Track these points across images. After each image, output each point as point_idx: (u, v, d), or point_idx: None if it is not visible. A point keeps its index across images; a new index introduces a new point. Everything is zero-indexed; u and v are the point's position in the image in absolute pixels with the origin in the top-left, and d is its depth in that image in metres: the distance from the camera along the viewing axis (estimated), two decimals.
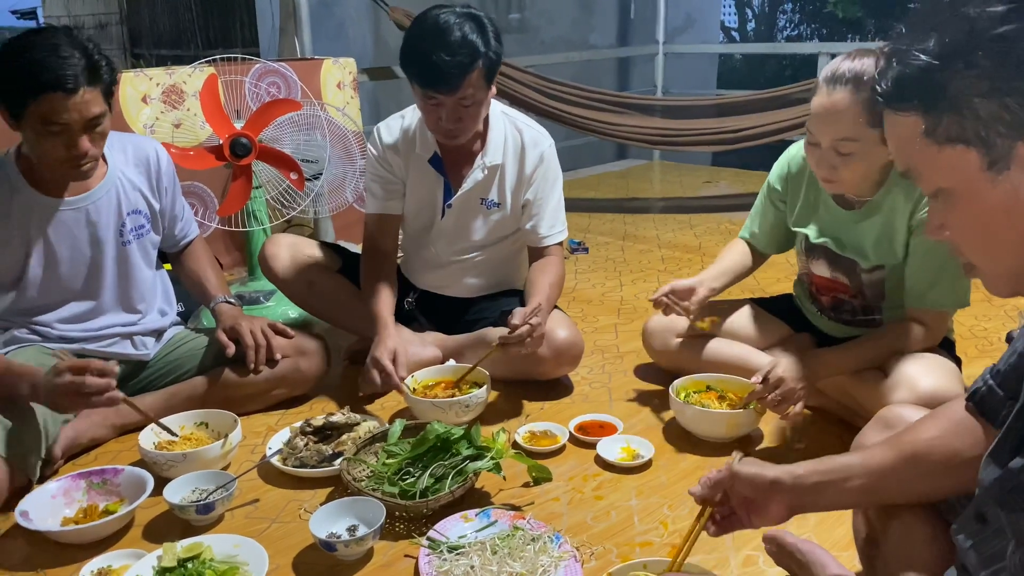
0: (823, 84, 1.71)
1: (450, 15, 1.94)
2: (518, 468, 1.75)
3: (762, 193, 2.12)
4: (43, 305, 1.92)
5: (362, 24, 5.52)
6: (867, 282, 1.92)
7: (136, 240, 2.00)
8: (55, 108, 1.66)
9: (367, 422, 1.90)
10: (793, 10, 15.90)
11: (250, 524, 1.63)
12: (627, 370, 2.35)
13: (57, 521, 1.59)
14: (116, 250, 1.97)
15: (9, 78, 1.67)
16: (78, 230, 1.90)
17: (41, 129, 1.69)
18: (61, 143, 1.71)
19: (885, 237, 1.85)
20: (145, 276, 2.05)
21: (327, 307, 2.38)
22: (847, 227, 1.90)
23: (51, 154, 1.74)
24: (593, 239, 3.83)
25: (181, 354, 2.09)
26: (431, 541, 1.48)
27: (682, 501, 1.67)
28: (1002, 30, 0.74)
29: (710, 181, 5.19)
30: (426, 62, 1.92)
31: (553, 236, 2.22)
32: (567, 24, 6.83)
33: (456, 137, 2.06)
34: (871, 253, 1.88)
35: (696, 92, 6.17)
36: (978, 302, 2.74)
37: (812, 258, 2.01)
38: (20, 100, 1.67)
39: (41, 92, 1.64)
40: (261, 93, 3.00)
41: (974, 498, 0.90)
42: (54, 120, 1.67)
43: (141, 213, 2.01)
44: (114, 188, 1.95)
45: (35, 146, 1.74)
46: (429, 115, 2.04)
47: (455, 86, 1.92)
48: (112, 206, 1.94)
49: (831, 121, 1.69)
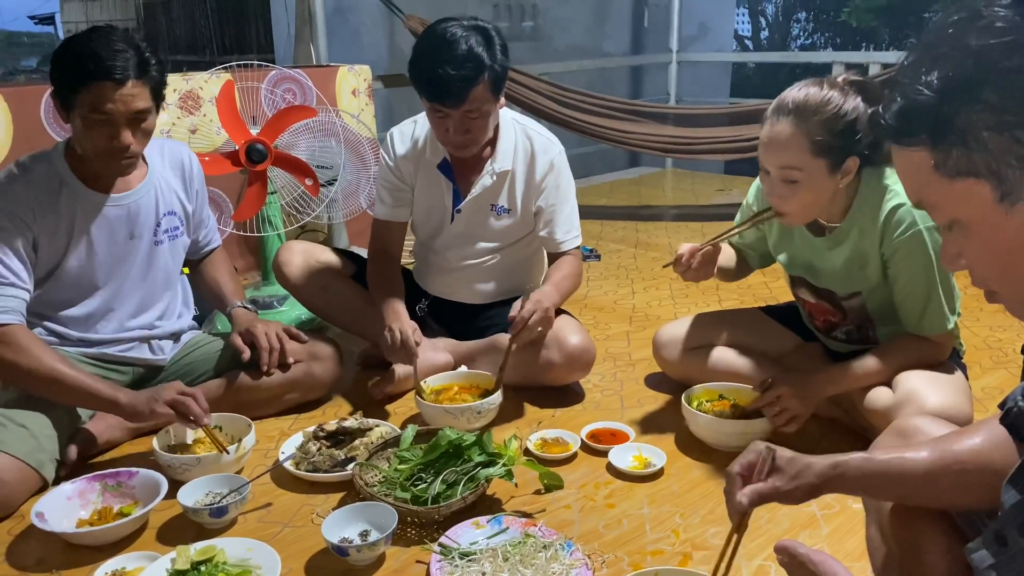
0: (770, 115, 1.72)
1: (457, 28, 1.95)
2: (530, 475, 1.75)
3: (741, 209, 2.06)
4: (70, 299, 1.93)
5: (377, 31, 5.55)
6: (849, 308, 1.91)
7: (169, 241, 2.03)
8: (102, 97, 1.72)
9: (380, 427, 1.91)
10: (807, 19, 15.88)
11: (263, 528, 1.64)
12: (639, 378, 2.35)
13: (72, 523, 1.60)
14: (148, 248, 1.99)
15: (64, 67, 1.74)
16: (119, 226, 1.93)
17: (88, 118, 1.74)
18: (105, 134, 1.76)
19: (856, 263, 1.83)
20: (170, 277, 2.07)
21: (340, 313, 2.40)
22: (819, 255, 1.89)
23: (95, 145, 1.78)
24: (605, 246, 3.83)
25: (196, 358, 2.10)
26: (443, 547, 1.49)
27: (694, 510, 1.67)
28: (1008, 64, 0.72)
29: (723, 189, 5.19)
30: (432, 76, 1.93)
31: (569, 241, 2.23)
32: (581, 32, 6.84)
33: (465, 148, 2.08)
34: (844, 281, 1.87)
35: (709, 100, 6.17)
36: (992, 312, 2.73)
37: (796, 286, 2.02)
38: (72, 88, 1.73)
39: (91, 80, 1.71)
40: (277, 99, 3.03)
41: (996, 518, 0.89)
42: (100, 109, 1.73)
43: (176, 215, 2.05)
44: (154, 188, 1.99)
45: (81, 136, 1.79)
46: (437, 127, 2.06)
47: (460, 100, 1.94)
48: (151, 205, 1.98)
49: (775, 150, 1.70)
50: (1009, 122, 0.73)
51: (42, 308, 1.92)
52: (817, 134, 1.65)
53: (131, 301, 2.00)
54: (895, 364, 1.82)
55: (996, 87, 0.73)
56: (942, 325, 1.80)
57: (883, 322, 1.91)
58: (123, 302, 1.99)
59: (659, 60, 6.09)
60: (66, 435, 1.82)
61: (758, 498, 1.11)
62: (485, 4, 6.23)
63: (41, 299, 1.90)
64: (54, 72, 1.77)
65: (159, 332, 2.05)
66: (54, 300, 1.92)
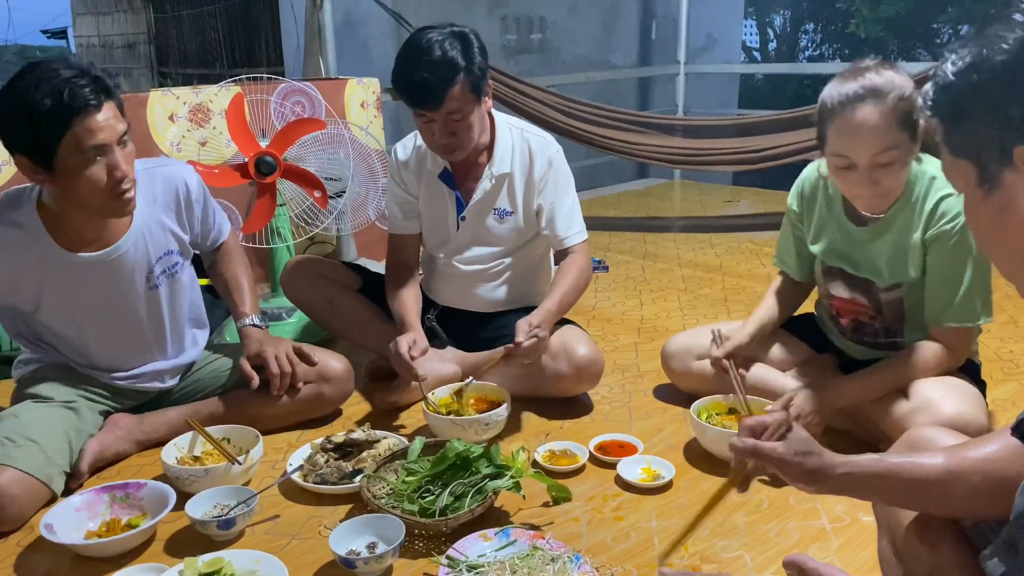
0: (839, 108, 1.69)
1: (435, 34, 1.99)
2: (538, 487, 1.75)
3: (785, 220, 2.11)
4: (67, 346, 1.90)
5: (386, 44, 5.57)
6: (885, 301, 1.90)
7: (166, 280, 1.95)
8: (89, 130, 1.59)
9: (387, 439, 1.91)
10: (815, 30, 15.87)
11: (271, 540, 1.64)
12: (647, 390, 2.35)
13: (80, 534, 1.61)
14: (144, 296, 1.92)
15: (29, 123, 1.56)
16: (100, 284, 1.84)
17: (78, 162, 1.61)
18: (102, 170, 1.63)
19: (899, 254, 1.84)
20: (176, 315, 2.02)
21: (348, 326, 2.41)
22: (861, 246, 1.89)
23: (94, 190, 1.65)
24: (613, 258, 3.82)
25: (203, 375, 2.11)
26: (450, 560, 1.48)
27: (703, 523, 1.65)
28: (1004, 58, 0.80)
29: (731, 201, 5.18)
30: (409, 81, 1.99)
31: (572, 237, 2.23)
32: (588, 44, 6.86)
33: (453, 152, 2.09)
34: (886, 271, 1.86)
35: (717, 112, 6.16)
36: (1003, 324, 2.71)
37: (829, 279, 2.00)
38: (49, 139, 1.57)
39: (70, 120, 1.57)
40: (286, 112, 3.04)
41: (1007, 525, 0.89)
42: (91, 144, 1.59)
43: (172, 253, 1.96)
44: (141, 237, 1.87)
45: (74, 190, 1.64)
46: (424, 133, 2.10)
47: (439, 102, 1.98)
48: (140, 255, 1.88)
49: (867, 137, 1.67)
50: (996, 114, 0.81)
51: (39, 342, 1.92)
52: (898, 109, 1.66)
53: (135, 344, 1.97)
54: (908, 374, 1.82)
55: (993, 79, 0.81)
56: (969, 317, 1.79)
57: (913, 324, 1.89)
58: (123, 350, 1.95)
59: (667, 72, 6.09)
60: (75, 448, 1.82)
61: (753, 451, 1.12)
62: (493, 17, 6.25)
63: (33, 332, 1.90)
64: (14, 135, 1.59)
65: (171, 366, 2.05)
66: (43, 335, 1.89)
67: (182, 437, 1.90)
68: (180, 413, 2.01)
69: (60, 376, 1.90)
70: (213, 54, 8.26)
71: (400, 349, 2.03)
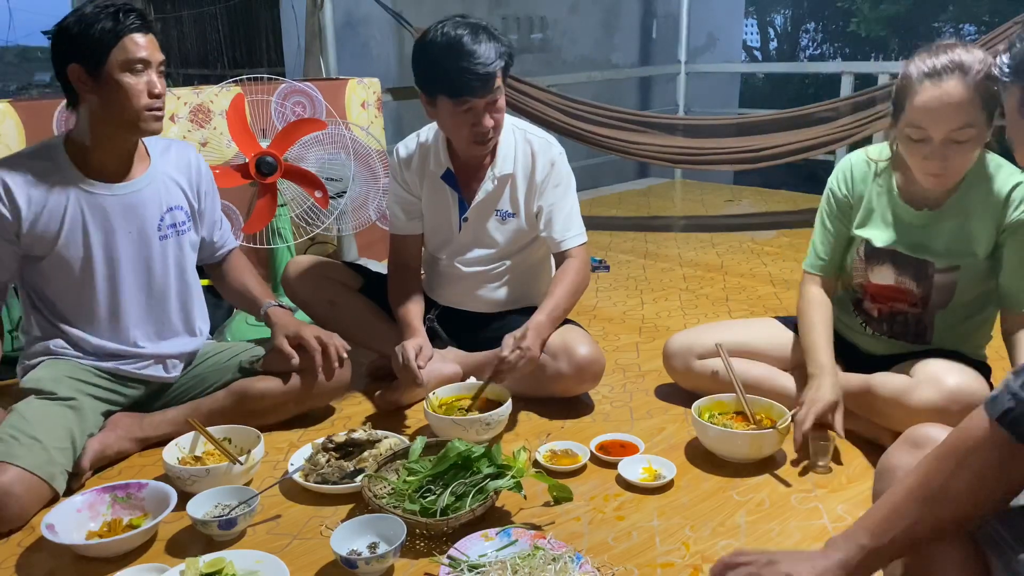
0: (924, 79, 1.68)
1: (453, 28, 2.01)
2: (539, 487, 1.75)
3: (823, 213, 2.03)
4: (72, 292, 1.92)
5: (386, 44, 5.58)
6: (939, 284, 1.87)
7: (175, 236, 2.02)
8: (136, 44, 1.80)
9: (388, 439, 1.91)
10: (816, 29, 15.87)
11: (272, 540, 1.64)
12: (648, 389, 2.34)
13: (82, 535, 1.61)
14: (152, 243, 1.98)
15: (87, 34, 1.78)
16: (117, 218, 1.92)
17: (123, 74, 1.80)
18: (143, 84, 1.82)
19: (963, 237, 1.82)
20: (183, 278, 2.06)
21: (349, 326, 2.40)
22: (921, 229, 1.87)
23: (134, 101, 1.81)
24: (614, 257, 3.82)
25: (205, 369, 2.11)
26: (451, 560, 1.48)
27: (704, 522, 1.66)
28: None
29: (732, 200, 5.18)
30: (456, 73, 1.98)
31: (569, 240, 2.21)
32: (589, 44, 6.86)
33: (489, 140, 2.11)
34: (947, 253, 1.85)
35: (718, 111, 6.17)
36: None
37: (874, 265, 1.95)
38: (103, 48, 1.78)
39: (121, 33, 1.78)
40: (287, 112, 3.05)
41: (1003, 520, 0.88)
42: (136, 56, 1.80)
43: (181, 210, 2.03)
44: (156, 181, 1.98)
45: (115, 99, 1.81)
46: (462, 125, 2.07)
47: (490, 87, 2.01)
48: (154, 198, 1.97)
49: (948, 111, 1.66)
50: None
51: (53, 308, 1.94)
52: (982, 87, 1.65)
53: (140, 300, 1.98)
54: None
55: None
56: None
57: (950, 314, 1.89)
58: (131, 300, 1.97)
59: (668, 71, 6.09)
60: (78, 447, 1.82)
61: None
62: (493, 16, 6.26)
63: (46, 295, 1.93)
64: (71, 44, 1.80)
65: (174, 352, 2.05)
66: (57, 293, 1.93)
67: (183, 437, 1.89)
68: (180, 412, 2.02)
69: (64, 369, 1.91)
70: (214, 54, 8.25)
71: (408, 356, 2.03)
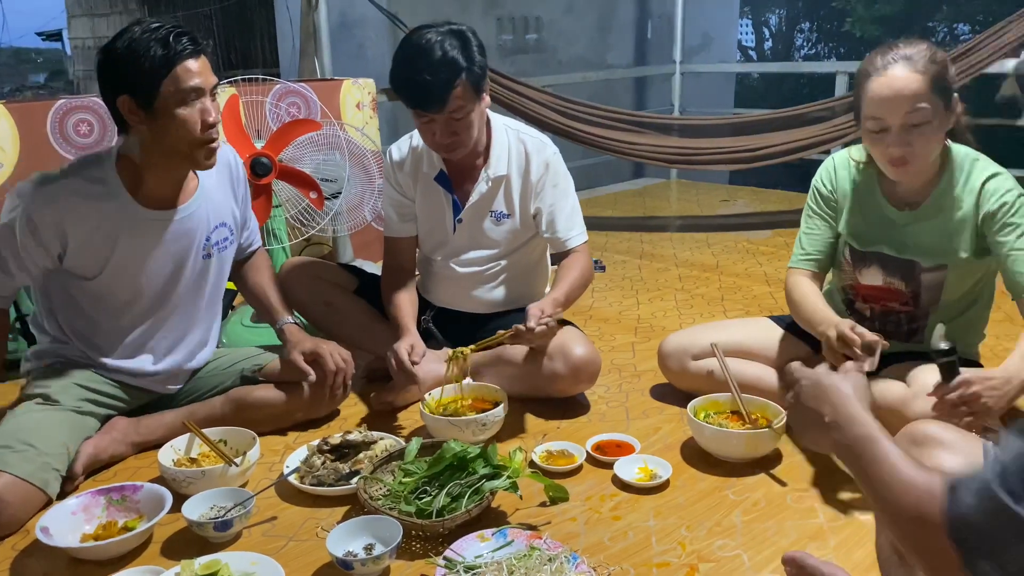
0: (875, 72, 1.74)
1: (433, 34, 1.98)
2: (535, 487, 1.75)
3: (808, 210, 2.04)
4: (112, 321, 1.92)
5: (381, 45, 5.57)
6: (926, 283, 1.89)
7: (218, 253, 2.00)
8: (189, 71, 1.71)
9: (384, 440, 1.90)
10: (811, 29, 15.89)
11: (267, 542, 1.64)
12: (644, 389, 2.35)
13: (77, 537, 1.60)
14: (197, 264, 1.97)
15: (137, 64, 1.69)
16: (172, 244, 1.90)
17: (177, 103, 1.71)
18: (196, 113, 1.74)
19: (946, 234, 1.84)
20: (215, 296, 2.06)
21: (345, 328, 2.40)
22: (903, 228, 1.89)
23: (187, 132, 1.74)
24: (610, 257, 3.83)
25: (207, 372, 2.10)
26: (447, 561, 1.48)
27: (700, 522, 1.66)
28: None
29: (727, 200, 5.18)
30: (411, 83, 1.98)
31: (573, 238, 2.23)
32: (584, 44, 6.86)
33: (455, 151, 2.09)
34: (932, 252, 1.86)
35: (713, 111, 6.17)
36: (999, 322, 2.71)
37: (862, 266, 1.97)
38: (154, 79, 1.70)
39: (173, 62, 1.70)
40: (281, 113, 3.04)
41: None
42: (189, 85, 1.71)
43: (226, 226, 2.02)
44: (205, 202, 1.95)
45: (168, 131, 1.74)
46: (425, 134, 2.09)
47: (442, 104, 1.97)
48: (203, 220, 1.95)
49: (899, 96, 1.71)
50: None
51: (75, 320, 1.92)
52: (931, 72, 1.71)
53: (174, 324, 1.98)
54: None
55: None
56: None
57: (941, 313, 1.89)
58: (166, 325, 1.97)
59: (663, 71, 6.10)
60: (71, 451, 1.81)
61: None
62: (488, 17, 6.25)
63: (74, 306, 1.90)
64: (122, 75, 1.71)
65: (187, 367, 2.05)
66: (89, 310, 1.91)
67: (179, 439, 1.89)
68: (177, 415, 2.01)
69: (73, 376, 1.90)
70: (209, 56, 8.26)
71: (400, 355, 2.03)
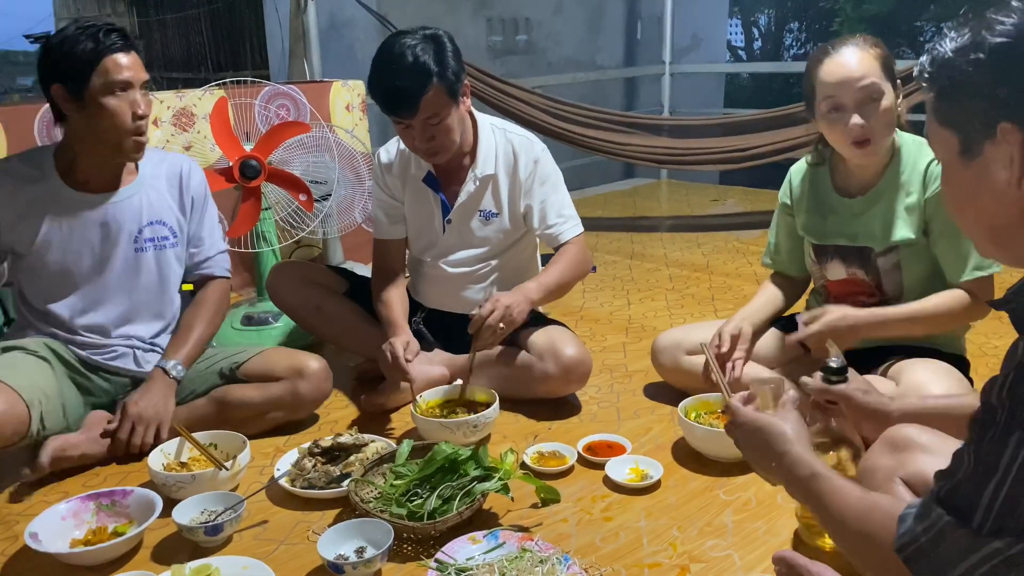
0: (828, 60, 1.81)
1: (408, 39, 1.99)
2: (526, 489, 1.75)
3: (775, 216, 2.17)
4: (50, 292, 1.97)
5: (371, 47, 5.55)
6: (883, 267, 1.93)
7: (155, 250, 2.04)
8: (118, 65, 1.82)
9: (375, 443, 1.90)
10: (799, 29, 15.96)
11: (259, 546, 1.63)
12: (635, 389, 2.35)
13: (66, 543, 1.59)
14: (129, 254, 2.01)
15: (68, 58, 1.81)
16: (93, 227, 1.96)
17: (105, 94, 1.82)
18: (126, 105, 1.84)
19: (893, 218, 1.89)
20: (164, 288, 2.08)
21: (335, 330, 2.40)
22: (856, 217, 1.94)
23: (116, 123, 1.84)
24: (601, 258, 3.83)
25: (186, 376, 2.08)
26: (439, 563, 1.48)
27: (691, 522, 1.66)
28: (999, 40, 0.85)
29: (717, 200, 5.20)
30: (384, 89, 2.00)
31: (567, 231, 2.23)
32: (574, 45, 6.87)
33: (435, 155, 2.10)
34: (881, 235, 1.91)
35: (703, 111, 6.19)
36: (987, 320, 2.72)
37: (825, 261, 2.02)
38: (85, 69, 1.81)
39: (102, 54, 1.81)
40: (271, 115, 3.03)
41: None
42: (118, 78, 1.82)
43: (165, 225, 2.05)
44: (139, 194, 2.01)
45: (98, 121, 1.84)
46: (405, 138, 2.11)
47: (414, 109, 1.98)
48: (135, 210, 2.00)
49: (852, 72, 1.78)
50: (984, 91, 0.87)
51: (35, 300, 1.99)
52: (878, 55, 1.80)
53: (115, 306, 2.02)
54: (928, 313, 1.84)
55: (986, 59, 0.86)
56: (983, 264, 1.82)
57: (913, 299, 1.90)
58: (106, 306, 2.01)
59: (652, 72, 6.12)
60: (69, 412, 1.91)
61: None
62: (478, 18, 6.26)
63: (30, 288, 1.98)
64: (55, 66, 1.83)
65: (143, 346, 2.05)
66: (36, 290, 1.98)
67: (168, 443, 1.88)
68: None
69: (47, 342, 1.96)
70: (197, 58, 8.23)
71: (396, 352, 2.02)
